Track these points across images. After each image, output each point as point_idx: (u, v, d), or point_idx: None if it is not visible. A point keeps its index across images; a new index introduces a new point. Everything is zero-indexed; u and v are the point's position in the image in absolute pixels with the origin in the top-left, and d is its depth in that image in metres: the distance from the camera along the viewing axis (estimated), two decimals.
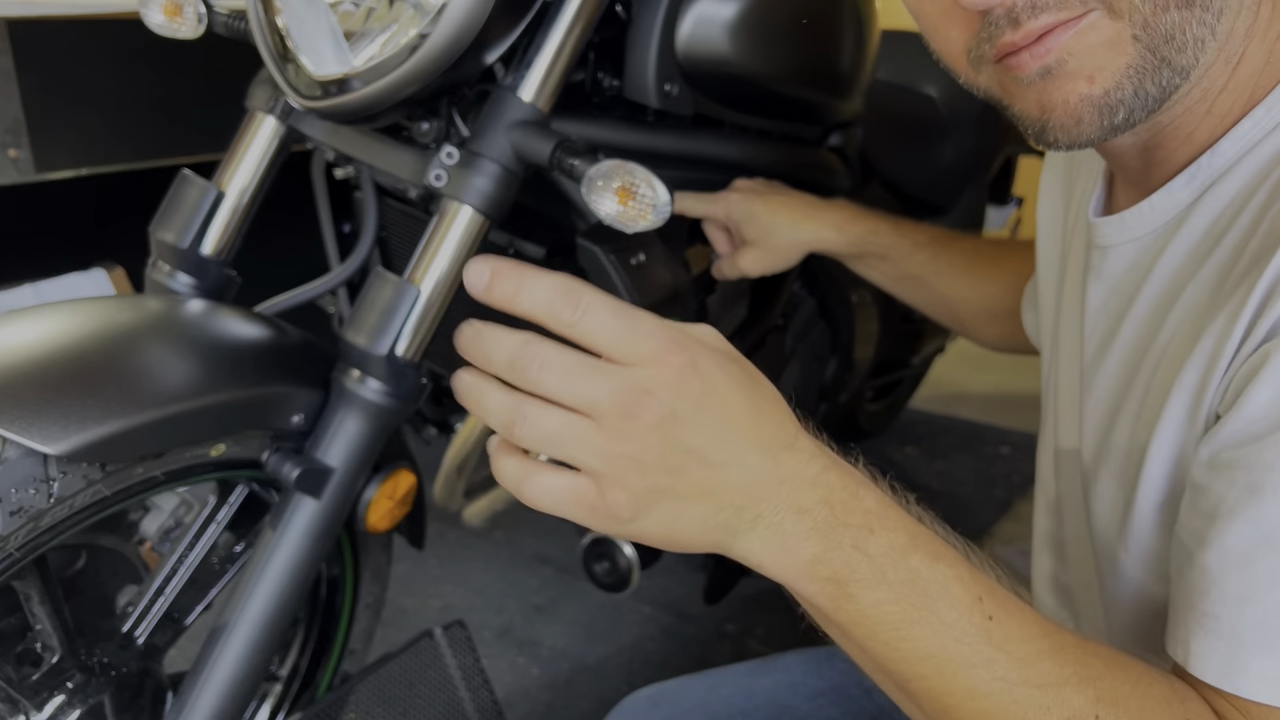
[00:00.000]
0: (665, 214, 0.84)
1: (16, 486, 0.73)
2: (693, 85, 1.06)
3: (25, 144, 1.32)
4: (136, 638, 0.95)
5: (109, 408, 0.75)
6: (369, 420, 0.89)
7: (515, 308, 0.49)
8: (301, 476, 0.86)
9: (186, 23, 0.99)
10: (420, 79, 0.84)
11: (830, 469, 0.52)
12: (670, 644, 1.69)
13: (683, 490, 0.49)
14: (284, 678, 1.15)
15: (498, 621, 1.77)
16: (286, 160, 1.03)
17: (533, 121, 0.88)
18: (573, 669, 1.64)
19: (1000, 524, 2.10)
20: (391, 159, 0.95)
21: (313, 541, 0.89)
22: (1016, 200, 2.12)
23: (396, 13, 0.85)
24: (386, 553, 1.16)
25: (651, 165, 0.84)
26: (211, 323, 0.89)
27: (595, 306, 0.47)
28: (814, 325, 1.48)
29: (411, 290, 0.87)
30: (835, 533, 0.51)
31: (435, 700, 1.06)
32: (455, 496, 1.32)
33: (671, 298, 1.07)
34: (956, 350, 2.32)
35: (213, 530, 0.98)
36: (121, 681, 0.92)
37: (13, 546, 0.75)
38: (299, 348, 0.92)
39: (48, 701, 0.88)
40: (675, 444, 0.48)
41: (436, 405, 1.42)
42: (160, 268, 0.99)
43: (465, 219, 0.88)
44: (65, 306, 0.85)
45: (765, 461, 0.50)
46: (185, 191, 0.98)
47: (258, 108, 1.00)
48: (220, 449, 0.86)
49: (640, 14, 1.01)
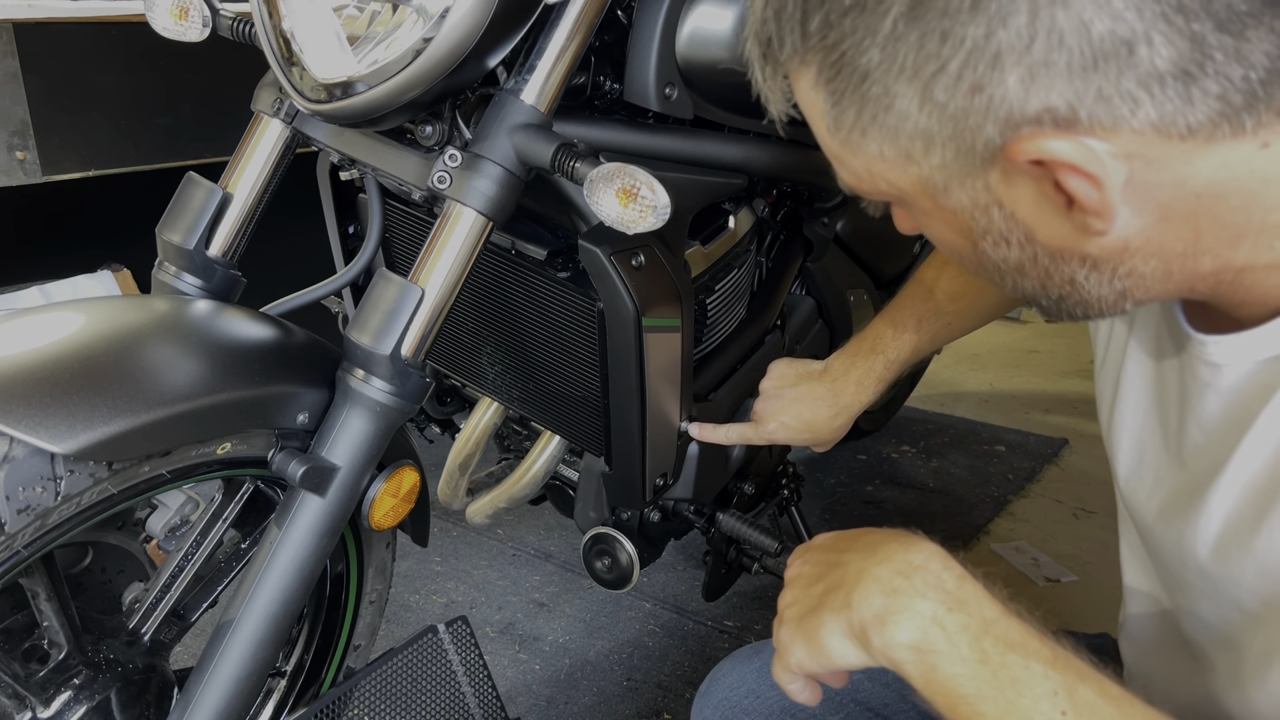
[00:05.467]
0: (665, 216, 0.85)
1: (24, 484, 0.74)
2: (693, 88, 1.07)
3: (32, 146, 1.33)
4: (143, 634, 0.96)
5: (115, 407, 0.76)
6: (373, 419, 0.90)
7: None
8: (307, 474, 0.87)
9: (192, 26, 0.99)
10: (424, 83, 0.85)
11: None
12: (670, 639, 1.70)
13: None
14: (289, 673, 1.16)
15: (500, 617, 1.78)
16: (292, 162, 1.04)
17: (535, 124, 0.89)
18: (574, 664, 1.65)
19: (996, 522, 2.11)
20: (395, 162, 0.96)
21: (317, 539, 0.90)
22: None
23: (400, 17, 0.85)
24: (390, 550, 1.17)
25: (652, 168, 0.85)
26: (217, 323, 0.90)
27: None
28: (812, 325, 1.49)
29: (415, 291, 0.88)
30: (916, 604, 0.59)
31: (438, 695, 1.07)
32: (458, 494, 1.33)
33: (672, 298, 1.08)
34: (953, 350, 2.32)
35: (219, 528, 0.99)
36: (127, 677, 0.93)
37: (20, 544, 0.76)
38: (304, 348, 0.93)
39: (55, 697, 0.89)
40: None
41: (440, 404, 1.43)
42: (166, 269, 1.00)
43: (468, 221, 0.89)
44: (72, 307, 0.86)
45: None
46: (191, 193, 1.00)
47: (263, 111, 1.01)
48: (226, 447, 0.87)
49: (641, 18, 1.02)
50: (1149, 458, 0.74)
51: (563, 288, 1.10)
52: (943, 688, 0.56)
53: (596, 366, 1.11)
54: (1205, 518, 0.66)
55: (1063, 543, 2.03)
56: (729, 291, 1.27)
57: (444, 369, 1.32)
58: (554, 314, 1.13)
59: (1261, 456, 0.61)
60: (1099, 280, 0.57)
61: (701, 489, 1.27)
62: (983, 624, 0.57)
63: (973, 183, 0.54)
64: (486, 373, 1.27)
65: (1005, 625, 0.57)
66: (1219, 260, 0.55)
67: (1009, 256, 0.58)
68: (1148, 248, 0.54)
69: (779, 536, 1.27)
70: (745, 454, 1.35)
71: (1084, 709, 0.53)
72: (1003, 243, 0.57)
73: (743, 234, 1.28)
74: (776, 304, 1.39)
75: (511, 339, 1.20)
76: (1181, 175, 0.51)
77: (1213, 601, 0.69)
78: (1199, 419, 0.67)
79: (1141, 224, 0.53)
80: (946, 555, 0.62)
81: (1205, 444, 0.67)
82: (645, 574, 1.20)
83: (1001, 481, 2.26)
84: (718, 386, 1.29)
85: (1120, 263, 0.55)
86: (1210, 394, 0.65)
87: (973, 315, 1.13)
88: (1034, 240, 0.56)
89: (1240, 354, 0.62)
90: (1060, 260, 0.56)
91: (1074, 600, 1.85)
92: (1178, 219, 0.53)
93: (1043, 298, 0.61)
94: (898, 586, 0.59)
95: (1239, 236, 0.53)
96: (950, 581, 0.59)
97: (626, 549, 1.20)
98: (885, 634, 0.58)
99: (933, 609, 0.58)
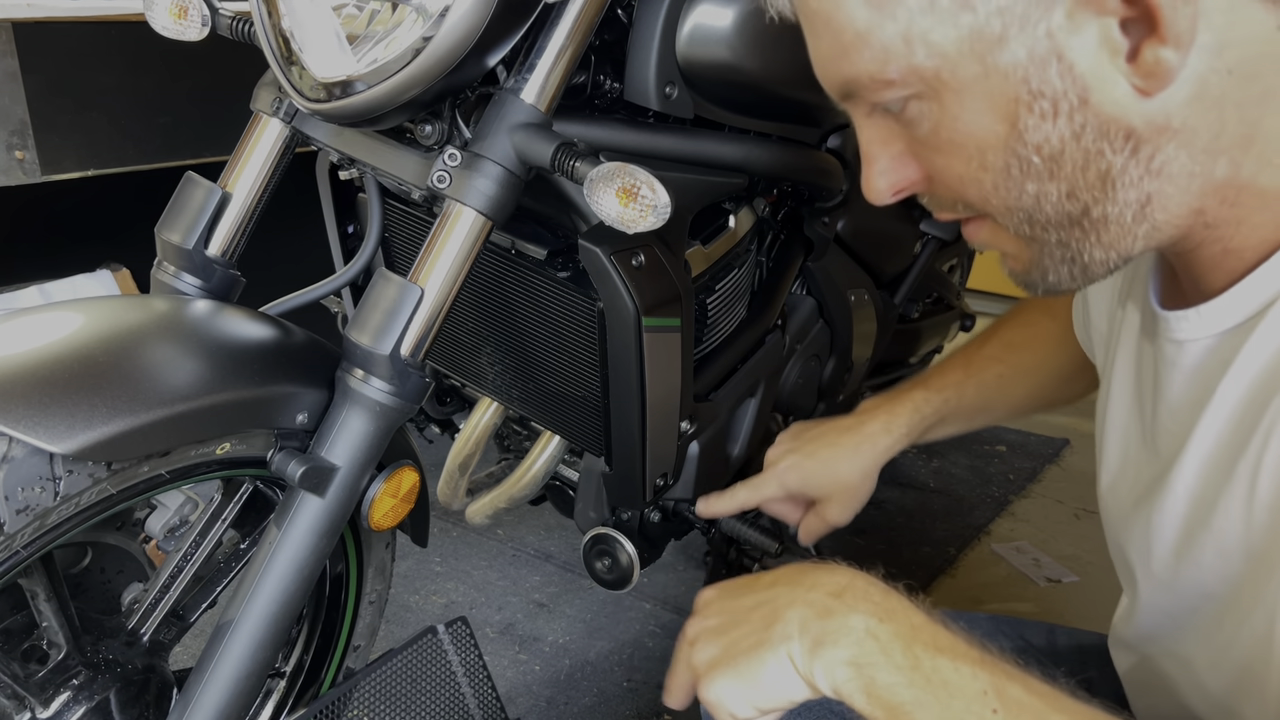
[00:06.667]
0: (665, 215, 0.85)
1: (23, 485, 0.74)
2: (693, 88, 1.07)
3: (31, 145, 1.33)
4: (142, 634, 0.96)
5: (115, 407, 0.76)
6: (373, 419, 0.90)
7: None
8: (306, 475, 0.87)
9: (191, 25, 0.99)
10: (423, 82, 0.85)
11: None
12: (670, 640, 1.70)
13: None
14: (288, 673, 1.16)
15: (500, 618, 1.77)
16: (291, 162, 1.04)
17: (535, 124, 0.89)
18: (574, 665, 1.65)
19: (997, 522, 2.11)
20: (395, 161, 0.96)
21: (317, 539, 0.90)
22: None
23: (399, 16, 0.85)
24: (390, 550, 1.17)
25: (652, 167, 0.85)
26: (216, 323, 0.90)
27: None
28: (812, 325, 1.48)
29: (415, 291, 0.88)
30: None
31: (438, 696, 1.07)
32: (458, 494, 1.33)
33: (672, 298, 1.08)
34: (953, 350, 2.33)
35: (218, 528, 0.98)
36: (127, 678, 0.93)
37: (19, 544, 0.76)
38: (304, 347, 0.93)
39: (54, 698, 0.88)
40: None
41: (439, 404, 1.42)
42: (165, 268, 1.00)
43: (468, 220, 0.89)
44: (71, 307, 0.85)
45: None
46: (190, 193, 0.99)
47: (262, 110, 1.01)
48: (225, 447, 0.87)
49: (641, 17, 1.01)
50: (1132, 454, 0.74)
51: (563, 287, 1.10)
52: (882, 699, 0.57)
53: (596, 366, 1.11)
54: (1171, 501, 0.66)
55: (1064, 543, 2.03)
56: (729, 291, 1.27)
57: (444, 369, 1.32)
58: (554, 314, 1.13)
59: (1216, 431, 0.61)
60: (1131, 176, 0.55)
61: (702, 489, 1.27)
62: (911, 630, 0.59)
63: (1034, 29, 0.52)
64: (486, 373, 1.27)
65: (932, 631, 0.59)
66: (1232, 165, 0.55)
67: (1051, 137, 0.55)
68: (1183, 132, 0.54)
69: (779, 537, 1.27)
70: (746, 454, 1.35)
71: (1013, 705, 0.55)
72: (1051, 114, 0.54)
73: (743, 234, 1.28)
74: (777, 304, 1.39)
75: (511, 339, 1.20)
76: (1222, 40, 0.51)
77: (1175, 594, 0.68)
78: (1168, 402, 0.67)
79: (1180, 99, 0.53)
80: (868, 575, 0.64)
81: (1172, 426, 0.67)
82: (645, 575, 1.20)
83: (1002, 482, 2.26)
84: (718, 386, 1.29)
85: (1158, 149, 0.54)
86: (1176, 374, 0.65)
87: (1028, 377, 1.02)
88: (1086, 105, 0.53)
89: (1201, 328, 0.62)
90: (1105, 137, 0.54)
91: (1075, 600, 1.85)
92: (1209, 102, 0.53)
93: (1060, 221, 0.58)
94: (831, 607, 0.61)
95: (1251, 138, 0.54)
96: (877, 595, 0.61)
97: (627, 549, 1.20)
98: (825, 655, 0.59)
99: (865, 622, 0.59)
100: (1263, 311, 0.58)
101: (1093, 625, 0.94)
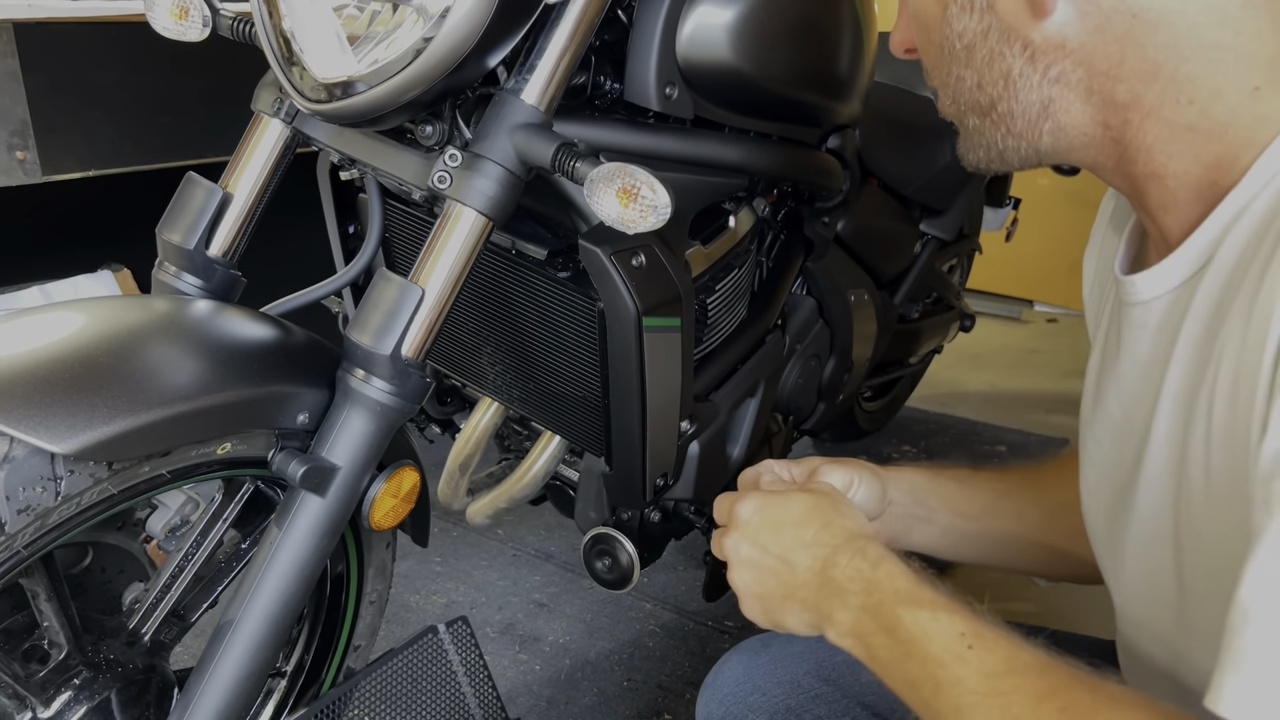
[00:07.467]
0: (665, 216, 0.85)
1: (24, 485, 0.74)
2: (693, 88, 1.07)
3: (32, 146, 1.33)
4: (143, 634, 0.96)
5: (116, 407, 0.76)
6: (373, 419, 0.90)
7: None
8: (307, 475, 0.87)
9: (192, 26, 0.99)
10: (424, 82, 0.85)
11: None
12: (670, 640, 1.70)
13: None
14: (289, 673, 1.16)
15: (500, 618, 1.78)
16: (292, 162, 1.04)
17: (535, 124, 0.89)
18: (574, 664, 1.65)
19: None
20: (395, 161, 0.96)
21: (318, 539, 0.90)
22: (1014, 201, 2.12)
23: (400, 17, 0.85)
24: (390, 550, 1.17)
25: (652, 167, 0.85)
26: (217, 323, 0.90)
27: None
28: (812, 325, 1.48)
29: (415, 291, 0.88)
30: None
31: (439, 696, 1.07)
32: (458, 494, 1.33)
33: (672, 298, 1.08)
34: (954, 350, 2.32)
35: (219, 528, 0.98)
36: (128, 678, 0.93)
37: (20, 544, 0.76)
38: (304, 348, 0.93)
39: (55, 698, 0.88)
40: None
41: (440, 404, 1.43)
42: (166, 269, 1.00)
43: (468, 221, 0.89)
44: (72, 307, 0.86)
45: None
46: (191, 193, 0.99)
47: (263, 110, 1.01)
48: (226, 447, 0.87)
49: (641, 18, 1.02)
50: (1112, 413, 0.74)
51: (563, 288, 1.10)
52: (880, 662, 0.66)
53: (597, 366, 1.11)
54: (1152, 454, 0.66)
55: None
56: (729, 291, 1.27)
57: (444, 369, 1.32)
58: (554, 314, 1.13)
59: (1180, 378, 0.63)
60: (1030, 80, 0.63)
61: (702, 489, 1.27)
62: (894, 595, 0.66)
63: None
64: (487, 373, 1.27)
65: (917, 592, 0.66)
66: (1132, 93, 0.61)
67: (967, 28, 0.64)
68: (1080, 53, 0.61)
69: None
70: (746, 454, 1.35)
71: (988, 641, 0.61)
72: (968, 9, 0.64)
73: (743, 234, 1.28)
74: (777, 304, 1.39)
75: (512, 339, 1.20)
76: None
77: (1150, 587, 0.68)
78: (1138, 365, 0.69)
79: (1080, 28, 0.60)
80: (864, 527, 0.74)
81: (1142, 389, 0.68)
82: (645, 574, 1.20)
83: None
84: (718, 387, 1.29)
85: (1053, 62, 0.62)
86: (1144, 335, 0.68)
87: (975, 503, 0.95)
88: (993, 10, 0.62)
89: (1160, 284, 0.65)
90: (1006, 42, 0.63)
91: (1075, 600, 1.85)
92: (1110, 35, 0.60)
93: (975, 107, 0.67)
94: (831, 578, 0.70)
95: (1153, 75, 0.60)
96: (867, 566, 0.69)
97: (627, 549, 1.20)
98: (834, 629, 0.69)
99: (859, 599, 0.68)
100: (1213, 257, 0.61)
101: (1093, 625, 0.94)
